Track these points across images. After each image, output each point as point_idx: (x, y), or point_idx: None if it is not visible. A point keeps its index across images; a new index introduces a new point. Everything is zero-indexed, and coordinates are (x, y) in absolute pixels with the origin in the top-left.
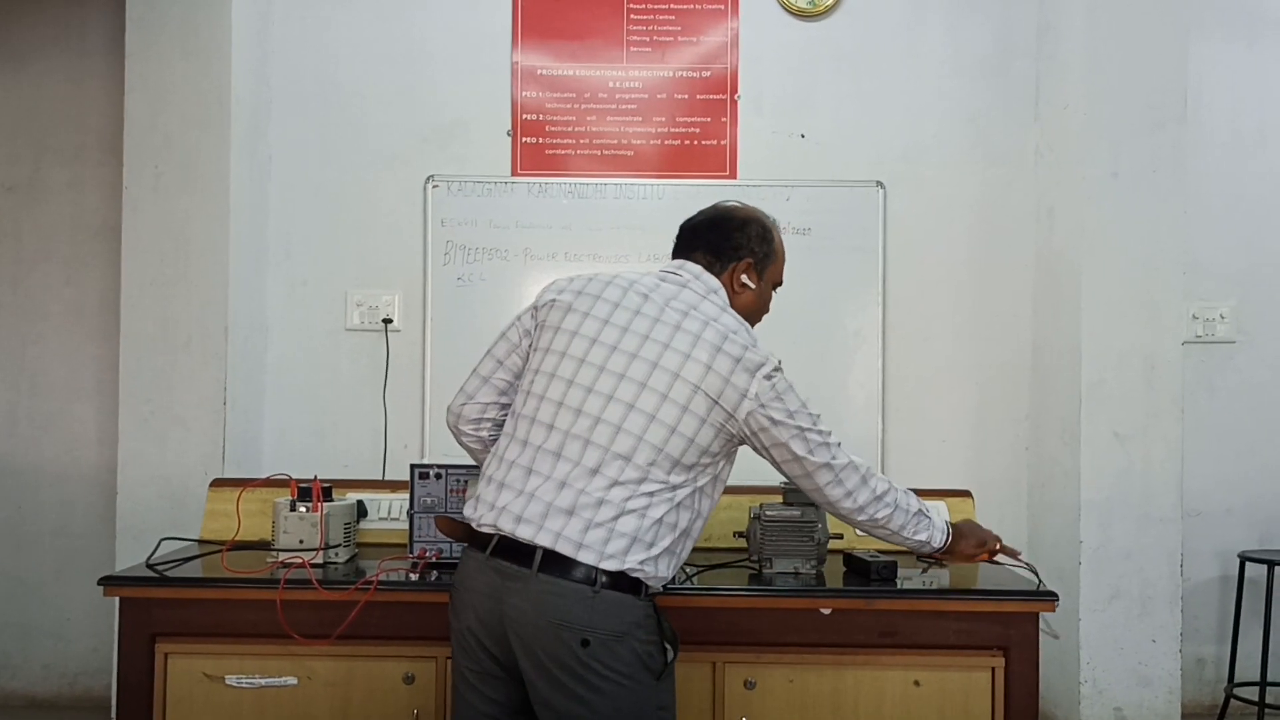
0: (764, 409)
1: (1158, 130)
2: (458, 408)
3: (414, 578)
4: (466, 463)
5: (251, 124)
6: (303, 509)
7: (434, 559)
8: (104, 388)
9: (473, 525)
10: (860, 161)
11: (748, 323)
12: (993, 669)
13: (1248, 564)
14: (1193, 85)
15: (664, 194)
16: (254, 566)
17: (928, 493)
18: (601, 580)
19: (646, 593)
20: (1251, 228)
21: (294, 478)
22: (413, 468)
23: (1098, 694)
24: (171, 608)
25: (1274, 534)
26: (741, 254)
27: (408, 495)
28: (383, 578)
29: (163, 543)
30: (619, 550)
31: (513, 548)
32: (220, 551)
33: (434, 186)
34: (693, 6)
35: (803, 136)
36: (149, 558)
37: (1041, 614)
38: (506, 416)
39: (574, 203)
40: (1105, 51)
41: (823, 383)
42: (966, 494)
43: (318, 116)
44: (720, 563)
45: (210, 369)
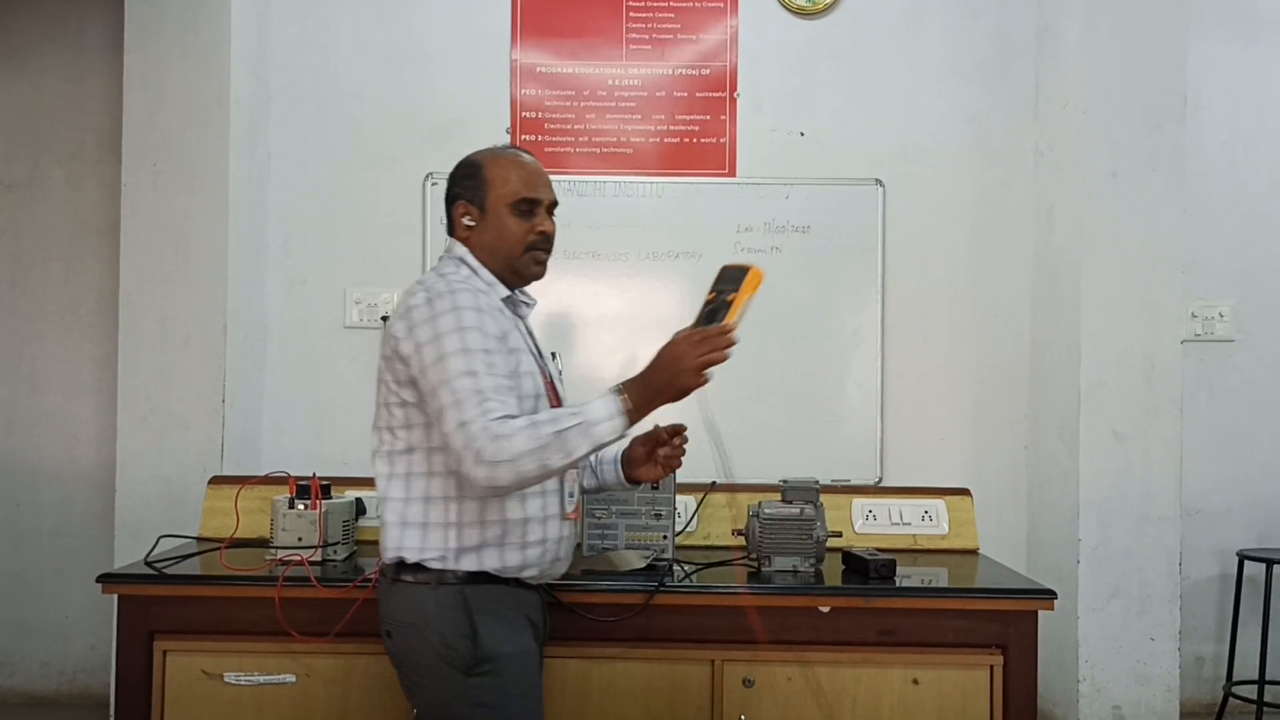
0: (399, 338)
1: (1157, 130)
2: None
3: None
4: None
5: (250, 122)
6: (301, 507)
7: None
8: (102, 386)
9: None
10: (859, 160)
11: (508, 259)
12: (991, 667)
13: (1246, 562)
14: (1192, 85)
15: (663, 192)
16: (253, 564)
17: (927, 491)
18: (389, 571)
19: (445, 580)
20: (1250, 227)
21: (293, 475)
22: None
23: (1096, 692)
24: (170, 605)
25: (1272, 533)
26: (455, 202)
27: None
28: None
29: (161, 540)
30: (393, 539)
31: None
32: (219, 549)
33: (433, 184)
34: (692, 4)
35: (802, 135)
36: (147, 555)
37: (703, 412)
38: None
39: (573, 201)
40: (1104, 51)
41: (821, 381)
42: (966, 493)
43: (317, 115)
44: (719, 560)
45: (209, 367)
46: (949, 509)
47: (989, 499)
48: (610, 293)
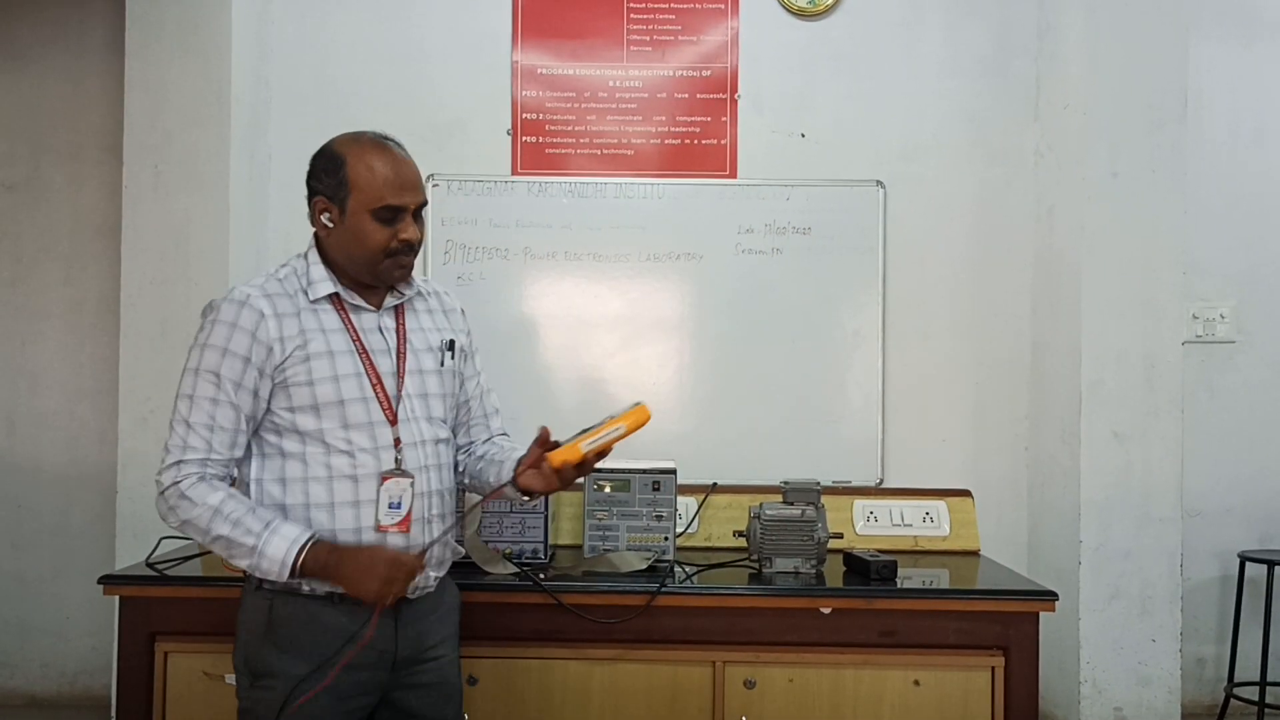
0: None
1: (1157, 130)
2: None
3: None
4: None
5: (251, 122)
6: None
7: None
8: (103, 386)
9: None
10: (860, 161)
11: (367, 265)
12: (992, 668)
13: (1247, 564)
14: (1192, 85)
15: (664, 193)
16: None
17: (928, 493)
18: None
19: (260, 587)
20: (1251, 228)
21: None
22: None
23: (1097, 693)
24: (171, 606)
25: (1274, 534)
26: (314, 194)
27: None
28: None
29: (162, 542)
30: None
31: None
32: None
33: (434, 185)
34: (693, 6)
35: (803, 136)
36: (148, 557)
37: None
38: None
39: (574, 202)
40: (1105, 52)
41: (822, 382)
42: (966, 494)
43: (317, 115)
44: (720, 562)
45: None
46: (950, 510)
47: (990, 500)
48: (611, 294)
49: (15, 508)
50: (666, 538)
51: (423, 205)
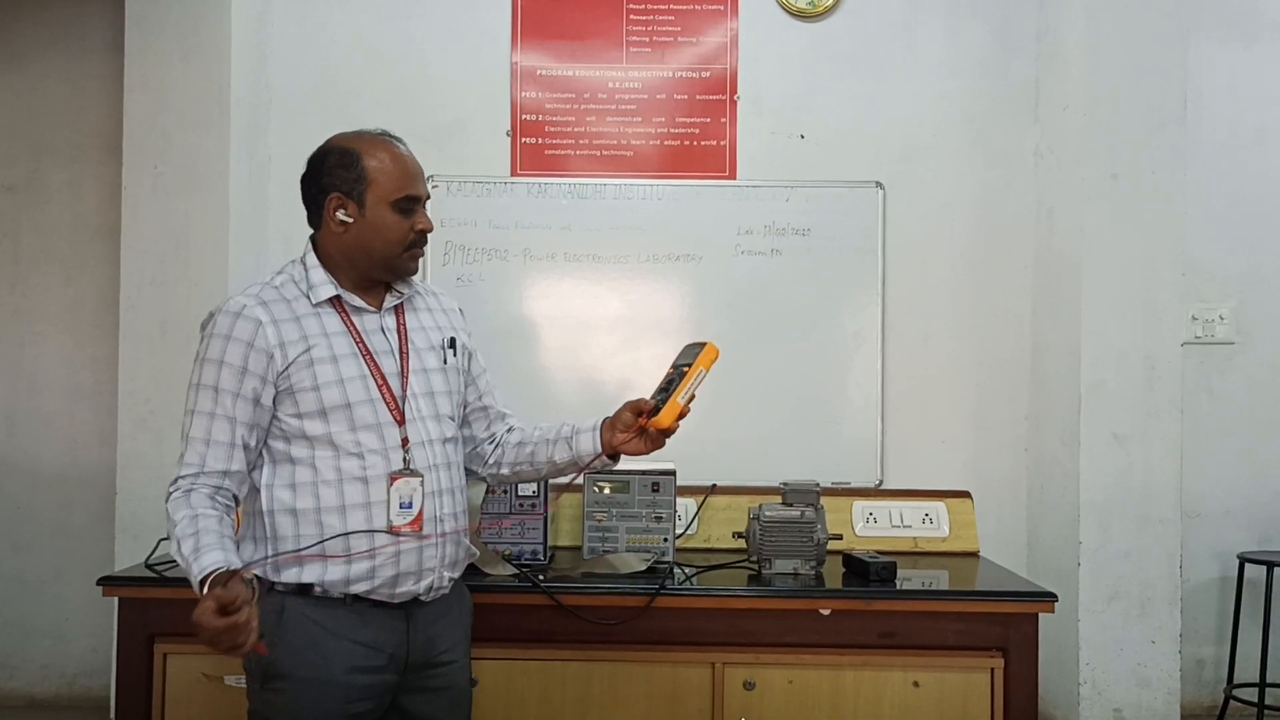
0: None
1: (1157, 131)
2: None
3: None
4: None
5: (251, 124)
6: None
7: None
8: (103, 388)
9: None
10: (860, 162)
11: (386, 259)
12: (992, 670)
13: (1247, 565)
14: (1192, 86)
15: (663, 194)
16: (253, 567)
17: (927, 494)
18: None
19: (274, 589)
20: (1251, 229)
21: None
22: None
23: (1097, 695)
24: (170, 608)
25: (1273, 535)
26: (327, 192)
27: None
28: None
29: (162, 543)
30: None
31: None
32: None
33: (433, 186)
34: (692, 7)
35: (802, 137)
36: (148, 558)
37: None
38: None
39: (573, 203)
40: (1105, 53)
41: (822, 383)
42: (966, 495)
43: (317, 116)
44: (719, 563)
45: None
46: (949, 511)
47: (989, 501)
48: (610, 295)
49: (15, 509)
50: (666, 539)
51: (428, 198)
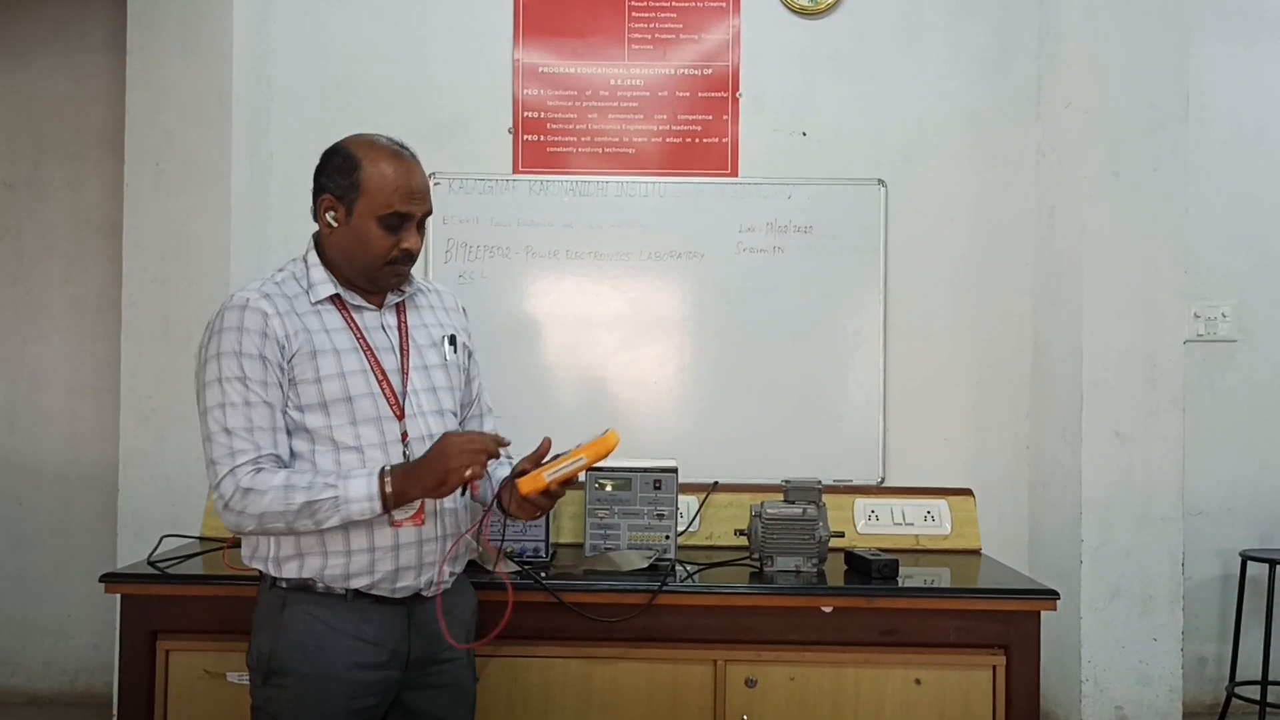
0: None
1: (1158, 130)
2: None
3: None
4: None
5: (252, 121)
6: None
7: None
8: (105, 385)
9: None
10: (861, 160)
11: (365, 270)
12: (994, 667)
13: (1249, 563)
14: (1193, 85)
15: (665, 192)
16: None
17: (929, 491)
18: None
19: (275, 585)
20: (1252, 227)
21: None
22: None
23: (1099, 692)
24: (172, 605)
25: (1275, 533)
26: (323, 192)
27: None
28: None
29: (164, 540)
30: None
31: None
32: (221, 549)
33: (435, 184)
34: (694, 4)
35: (804, 135)
36: (150, 555)
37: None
38: None
39: (575, 200)
40: (1106, 51)
41: (824, 381)
42: (968, 493)
43: (318, 114)
44: (721, 561)
45: None
46: (951, 509)
47: (991, 499)
48: (612, 293)
49: (16, 506)
50: (668, 536)
51: (428, 214)
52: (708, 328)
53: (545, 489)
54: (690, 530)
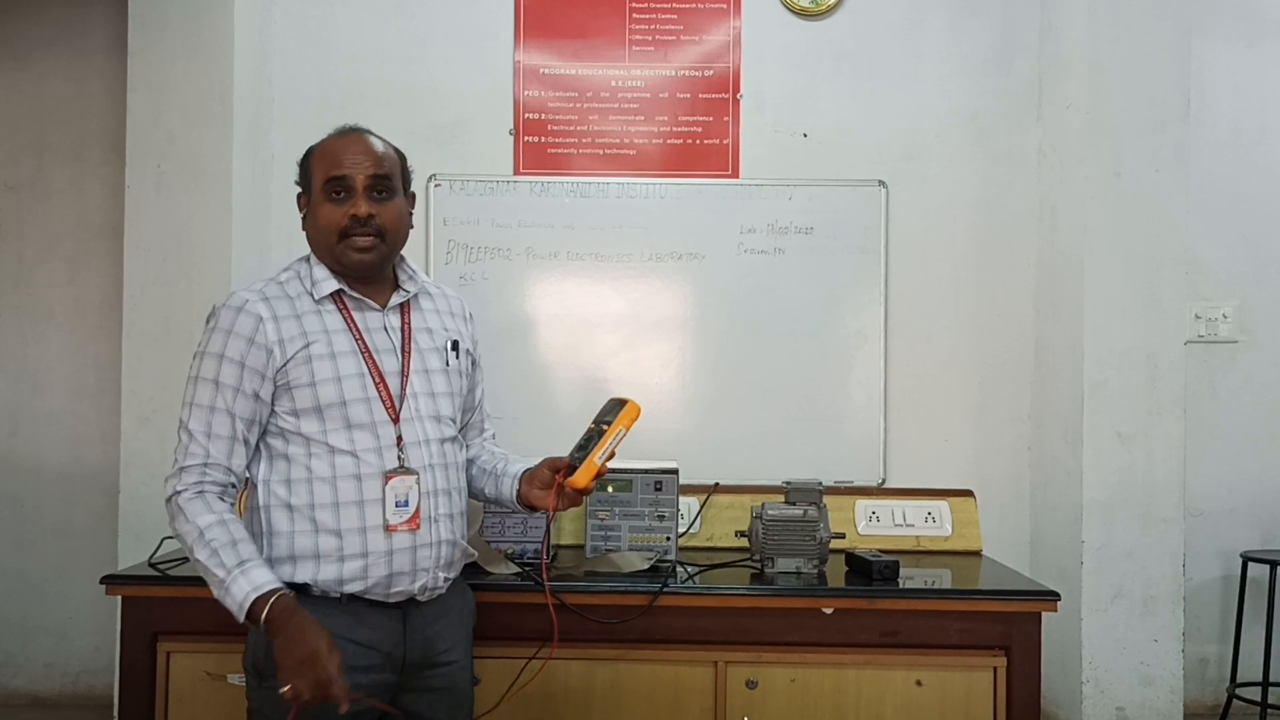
0: None
1: (1160, 130)
2: None
3: None
4: None
5: (254, 122)
6: None
7: None
8: (106, 386)
9: None
10: (862, 160)
11: (328, 249)
12: (995, 669)
13: (1250, 564)
14: (1195, 85)
15: (666, 193)
16: None
17: (930, 493)
18: None
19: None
20: (1254, 227)
21: None
22: None
23: (1100, 694)
24: (173, 606)
25: (1276, 534)
26: (299, 193)
27: None
28: None
29: (165, 542)
30: None
31: None
32: None
33: (436, 185)
34: (695, 5)
35: (805, 136)
36: (151, 556)
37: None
38: None
39: (576, 202)
40: (1107, 51)
41: (825, 382)
42: (969, 494)
43: (319, 115)
44: (722, 562)
45: None
46: (952, 510)
47: (992, 500)
48: (613, 294)
49: (18, 507)
50: (668, 538)
51: (379, 179)
52: (709, 329)
53: (600, 472)
54: (691, 531)
